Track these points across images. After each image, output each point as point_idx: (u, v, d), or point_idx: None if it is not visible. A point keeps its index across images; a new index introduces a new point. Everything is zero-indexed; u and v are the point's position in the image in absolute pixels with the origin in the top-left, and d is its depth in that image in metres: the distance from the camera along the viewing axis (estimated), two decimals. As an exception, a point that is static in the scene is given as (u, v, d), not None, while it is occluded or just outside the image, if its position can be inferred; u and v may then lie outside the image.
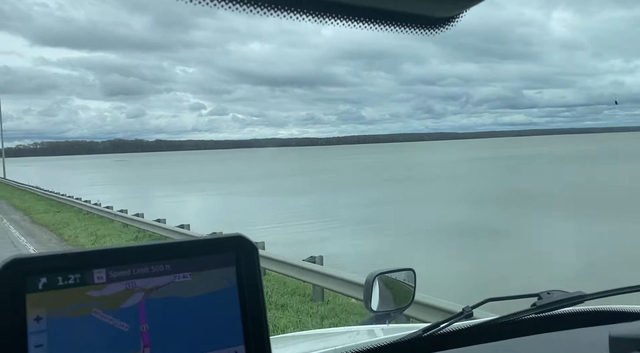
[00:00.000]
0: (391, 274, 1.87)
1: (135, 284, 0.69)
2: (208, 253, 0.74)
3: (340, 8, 0.57)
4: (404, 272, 1.89)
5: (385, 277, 1.85)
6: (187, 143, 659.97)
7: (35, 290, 0.63)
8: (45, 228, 19.95)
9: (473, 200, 26.42)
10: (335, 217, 22.53)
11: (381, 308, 1.80)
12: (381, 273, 1.83)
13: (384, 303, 1.81)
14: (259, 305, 0.75)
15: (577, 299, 1.15)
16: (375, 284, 1.80)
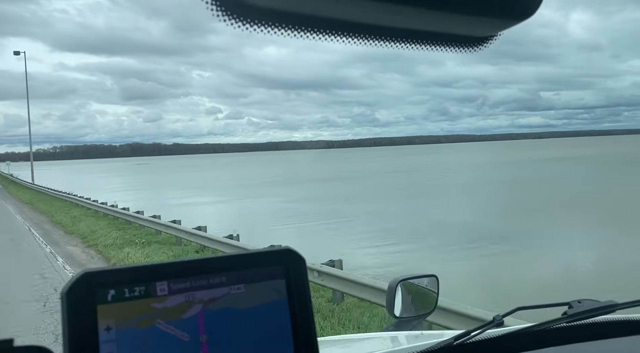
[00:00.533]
0: (414, 280, 1.87)
1: (195, 296, 0.73)
2: (260, 266, 0.77)
3: (379, 30, 0.58)
4: (426, 278, 1.88)
5: (408, 283, 1.84)
6: (203, 146, 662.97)
7: (105, 302, 0.68)
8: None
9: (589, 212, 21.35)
10: (429, 232, 17.42)
11: (404, 314, 1.80)
12: (404, 279, 1.82)
13: (406, 309, 1.81)
14: (308, 316, 0.78)
15: (609, 308, 1.14)
16: (398, 290, 1.80)
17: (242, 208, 29.28)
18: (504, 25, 0.61)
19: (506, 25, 0.61)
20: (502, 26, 0.61)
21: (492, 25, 0.61)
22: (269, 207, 27.58)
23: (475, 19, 0.59)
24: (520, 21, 0.60)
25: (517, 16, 0.60)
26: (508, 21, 0.60)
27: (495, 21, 0.60)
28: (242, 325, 0.75)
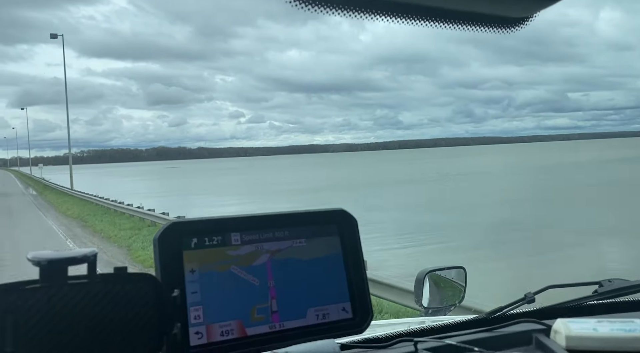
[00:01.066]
0: (441, 272, 1.90)
1: (263, 247, 0.84)
2: (318, 223, 0.88)
3: (415, 9, 0.63)
4: (454, 270, 1.91)
5: (435, 275, 1.87)
6: (227, 150, 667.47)
7: (189, 248, 0.78)
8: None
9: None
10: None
11: (431, 305, 1.83)
12: (432, 270, 1.85)
13: (434, 300, 1.84)
14: (360, 269, 0.89)
15: (639, 287, 1.16)
16: (426, 281, 1.83)
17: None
18: (539, 5, 0.65)
19: (541, 5, 0.65)
20: (538, 7, 0.65)
21: (528, 5, 0.65)
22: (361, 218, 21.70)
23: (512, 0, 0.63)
24: (555, 2, 0.63)
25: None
26: (543, 2, 0.64)
27: (531, 2, 0.64)
28: (303, 274, 0.85)
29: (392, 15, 0.62)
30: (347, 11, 0.60)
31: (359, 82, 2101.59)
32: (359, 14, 0.61)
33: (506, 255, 13.18)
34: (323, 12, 0.60)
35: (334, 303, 0.87)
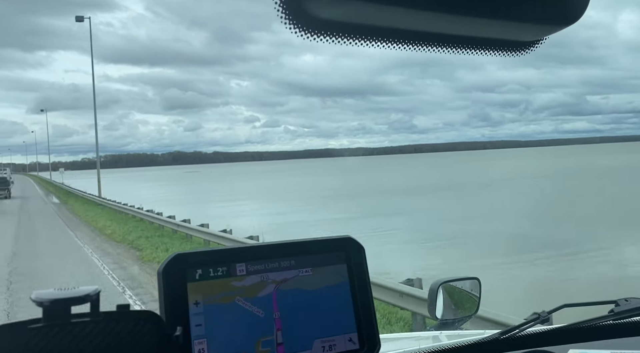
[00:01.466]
0: (456, 283, 1.87)
1: (268, 277, 0.83)
2: (324, 251, 0.87)
3: (430, 37, 0.63)
4: (468, 280, 1.89)
5: (449, 286, 1.85)
6: (242, 154, 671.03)
7: (193, 280, 0.78)
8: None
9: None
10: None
11: (446, 317, 1.81)
12: (446, 281, 1.83)
13: (448, 311, 1.82)
14: (368, 298, 0.88)
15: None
16: (440, 292, 1.81)
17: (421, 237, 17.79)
18: (549, 30, 0.64)
19: (552, 30, 0.64)
20: (548, 31, 0.65)
21: (538, 30, 0.64)
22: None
23: (521, 25, 0.62)
24: (566, 26, 0.63)
25: (563, 21, 0.62)
26: (553, 26, 0.63)
27: (541, 26, 0.63)
28: (309, 304, 0.84)
29: (402, 42, 0.62)
30: (357, 40, 0.60)
31: (373, 86, 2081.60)
32: (368, 42, 0.61)
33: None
34: (329, 42, 0.60)
35: (341, 334, 0.85)
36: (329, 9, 0.56)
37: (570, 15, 0.62)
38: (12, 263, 12.86)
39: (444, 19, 0.58)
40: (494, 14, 0.59)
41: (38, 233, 19.33)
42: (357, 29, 0.60)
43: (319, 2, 0.55)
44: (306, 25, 0.58)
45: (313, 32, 0.58)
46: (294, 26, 0.57)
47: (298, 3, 0.56)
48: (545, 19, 0.61)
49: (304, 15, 0.57)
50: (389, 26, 0.60)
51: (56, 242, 16.59)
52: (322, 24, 0.58)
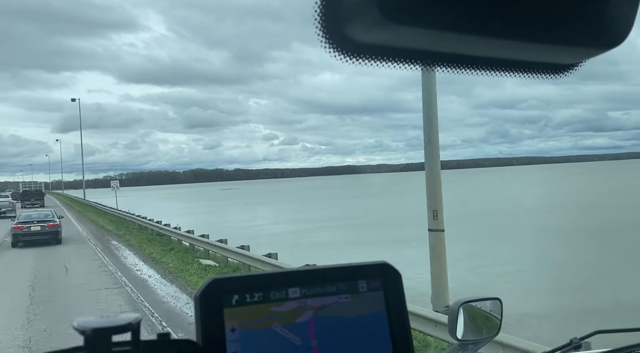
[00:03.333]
0: (477, 303, 1.84)
1: (307, 303, 0.80)
2: (362, 277, 0.84)
3: (470, 59, 0.62)
4: (489, 301, 1.86)
5: (470, 306, 1.82)
6: (264, 171, 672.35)
7: (230, 306, 0.76)
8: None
9: None
10: None
11: (466, 337, 1.78)
12: (466, 301, 1.81)
13: (469, 332, 1.79)
14: (405, 327, 0.84)
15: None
16: (460, 313, 1.78)
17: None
18: (591, 53, 0.62)
19: (594, 53, 0.62)
20: (590, 54, 0.63)
21: (580, 53, 0.63)
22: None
23: (562, 48, 0.60)
24: (609, 49, 0.61)
25: (606, 44, 0.61)
26: (596, 49, 0.61)
27: (581, 50, 0.61)
28: (347, 333, 0.81)
29: (441, 65, 0.62)
30: (397, 63, 0.60)
31: (391, 103, 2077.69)
32: (408, 65, 0.61)
33: None
34: (371, 65, 0.60)
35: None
36: (369, 33, 0.56)
37: (615, 37, 0.60)
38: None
39: (485, 42, 0.57)
40: (535, 37, 0.58)
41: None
42: (396, 52, 0.59)
43: (359, 26, 0.55)
44: (346, 49, 0.57)
45: (353, 56, 0.58)
46: (335, 50, 0.57)
47: (339, 27, 0.56)
48: (587, 42, 0.60)
49: (345, 39, 0.56)
50: (427, 49, 0.59)
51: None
52: (362, 47, 0.58)
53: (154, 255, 19.73)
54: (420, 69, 0.61)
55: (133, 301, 12.57)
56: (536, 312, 12.02)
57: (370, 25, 0.54)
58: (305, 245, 22.75)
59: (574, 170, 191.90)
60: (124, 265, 18.14)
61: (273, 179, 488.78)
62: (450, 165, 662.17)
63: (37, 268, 17.43)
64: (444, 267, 9.41)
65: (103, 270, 16.87)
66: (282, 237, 24.21)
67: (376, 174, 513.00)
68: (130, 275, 16.08)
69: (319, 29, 0.56)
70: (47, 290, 14.06)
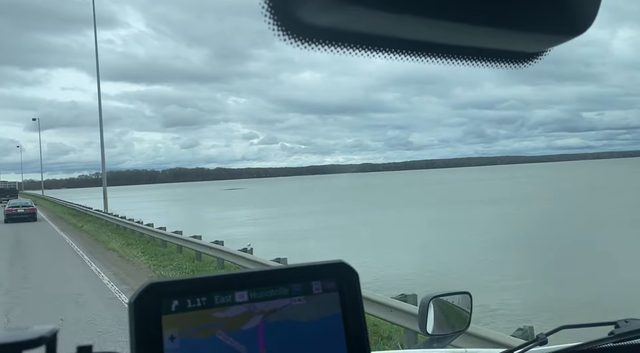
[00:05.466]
0: (447, 297, 1.85)
1: (255, 307, 0.74)
2: (316, 278, 0.78)
3: (430, 46, 0.60)
4: (459, 295, 1.86)
5: (440, 300, 1.83)
6: (246, 171, 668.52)
7: (169, 312, 0.69)
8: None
9: None
10: None
11: (436, 332, 1.78)
12: (436, 296, 1.81)
13: (439, 326, 1.79)
14: (361, 330, 0.79)
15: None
16: (431, 307, 1.79)
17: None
18: (555, 41, 0.61)
19: (557, 41, 0.61)
20: (553, 42, 0.61)
21: (543, 40, 0.61)
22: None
23: (526, 34, 0.59)
24: (572, 37, 0.60)
25: (569, 32, 0.59)
26: (559, 37, 0.60)
27: (546, 37, 0.60)
28: (300, 338, 0.75)
29: (400, 52, 0.59)
30: (353, 48, 0.57)
31: (371, 103, 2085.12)
32: (365, 51, 0.58)
33: None
34: (323, 51, 0.56)
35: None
36: (322, 16, 0.53)
37: (578, 25, 0.58)
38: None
39: (446, 27, 0.55)
40: (497, 22, 0.55)
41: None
42: (353, 37, 0.56)
43: (312, 8, 0.52)
44: (298, 33, 0.54)
45: (305, 40, 0.54)
46: (285, 34, 0.54)
47: (288, 11, 0.52)
48: (552, 29, 0.58)
49: (296, 22, 0.53)
50: (385, 34, 0.57)
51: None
52: (316, 31, 0.54)
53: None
54: (380, 56, 0.59)
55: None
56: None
57: (324, 6, 0.51)
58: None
59: (576, 168, 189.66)
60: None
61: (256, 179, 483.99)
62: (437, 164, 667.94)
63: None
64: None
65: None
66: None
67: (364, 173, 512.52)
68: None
69: (267, 10, 0.52)
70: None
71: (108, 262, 17.35)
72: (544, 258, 17.62)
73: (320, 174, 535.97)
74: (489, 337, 5.53)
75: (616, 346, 1.16)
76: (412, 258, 18.99)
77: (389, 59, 0.60)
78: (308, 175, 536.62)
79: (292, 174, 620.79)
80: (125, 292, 12.19)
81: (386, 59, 0.60)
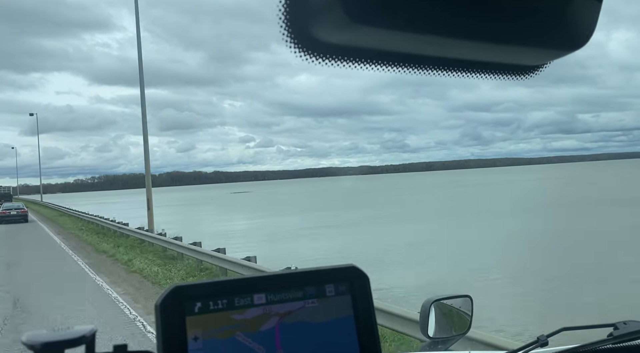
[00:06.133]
0: (447, 301, 1.86)
1: (272, 309, 0.78)
2: (329, 281, 0.82)
3: (434, 60, 0.62)
4: (460, 298, 1.88)
5: (441, 304, 1.84)
6: (243, 174, 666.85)
7: (192, 313, 0.73)
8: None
9: None
10: None
11: (438, 335, 1.79)
12: (437, 299, 1.82)
13: (440, 329, 1.81)
14: (372, 331, 0.82)
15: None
16: (432, 310, 1.80)
17: None
18: (555, 54, 0.63)
19: (557, 55, 0.62)
20: (553, 56, 0.63)
21: (543, 54, 0.63)
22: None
23: (526, 49, 0.60)
24: (572, 51, 0.62)
25: (569, 46, 0.61)
26: (559, 51, 0.62)
27: (546, 51, 0.62)
28: (314, 339, 0.79)
29: (406, 66, 0.61)
30: (362, 63, 0.59)
31: (367, 106, 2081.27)
32: (372, 66, 0.60)
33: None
34: (334, 66, 0.59)
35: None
36: (334, 34, 0.55)
37: (577, 40, 0.60)
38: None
39: (449, 43, 0.57)
40: (499, 38, 0.57)
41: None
42: (362, 52, 0.58)
43: (324, 27, 0.54)
44: (311, 49, 0.56)
45: (318, 56, 0.57)
46: (299, 50, 0.56)
47: (303, 27, 0.55)
48: (551, 44, 0.60)
49: (309, 39, 0.56)
50: (393, 50, 0.59)
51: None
52: (327, 48, 0.57)
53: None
54: (389, 70, 0.61)
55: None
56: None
57: (336, 25, 0.53)
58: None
59: (588, 169, 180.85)
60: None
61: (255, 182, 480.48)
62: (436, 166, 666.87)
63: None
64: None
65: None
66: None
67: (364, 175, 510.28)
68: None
69: (284, 28, 0.55)
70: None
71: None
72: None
73: (319, 177, 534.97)
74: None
75: (615, 347, 1.17)
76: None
77: (397, 73, 0.63)
78: (306, 178, 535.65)
79: (289, 177, 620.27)
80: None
81: (391, 72, 0.62)
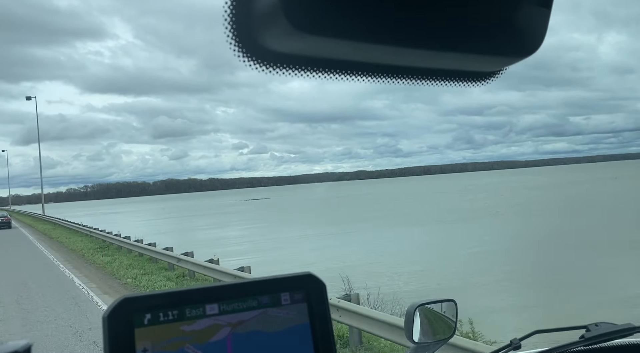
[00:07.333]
0: (432, 305, 1.86)
1: (223, 320, 0.75)
2: (283, 290, 0.80)
3: (391, 69, 0.62)
4: (445, 303, 1.87)
5: (426, 308, 1.84)
6: (239, 181, 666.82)
7: (142, 325, 0.71)
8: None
9: None
10: None
11: (422, 340, 1.78)
12: (422, 304, 1.82)
13: (425, 334, 1.80)
14: (329, 341, 0.81)
15: (627, 331, 1.13)
16: (416, 315, 1.79)
17: None
18: (508, 61, 0.64)
19: (511, 61, 0.64)
20: (507, 62, 0.65)
21: (498, 61, 0.65)
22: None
23: (481, 57, 0.62)
24: (524, 57, 0.64)
25: (521, 53, 0.63)
26: (512, 58, 0.64)
27: (500, 58, 0.64)
28: (268, 349, 0.77)
29: (361, 75, 0.61)
30: (314, 73, 0.59)
31: (359, 111, 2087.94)
32: (326, 75, 0.60)
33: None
34: (285, 75, 0.58)
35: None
36: (279, 42, 0.54)
37: (528, 47, 0.62)
38: None
39: (398, 51, 0.57)
40: (453, 47, 0.58)
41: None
42: (309, 61, 0.58)
43: (270, 35, 0.54)
44: (258, 57, 0.56)
45: (264, 64, 0.56)
46: (247, 58, 0.55)
47: (250, 35, 0.54)
48: (504, 51, 0.62)
49: (255, 47, 0.55)
50: (341, 58, 0.59)
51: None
52: (274, 56, 0.56)
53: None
54: (339, 79, 0.61)
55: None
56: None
57: (281, 34, 0.52)
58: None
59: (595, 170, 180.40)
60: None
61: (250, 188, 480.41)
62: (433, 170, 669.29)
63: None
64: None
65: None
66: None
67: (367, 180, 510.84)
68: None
69: (230, 36, 0.53)
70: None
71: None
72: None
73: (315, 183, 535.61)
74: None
75: (587, 349, 1.19)
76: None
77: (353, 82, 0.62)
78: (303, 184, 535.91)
79: (285, 183, 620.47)
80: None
81: (346, 81, 0.62)
